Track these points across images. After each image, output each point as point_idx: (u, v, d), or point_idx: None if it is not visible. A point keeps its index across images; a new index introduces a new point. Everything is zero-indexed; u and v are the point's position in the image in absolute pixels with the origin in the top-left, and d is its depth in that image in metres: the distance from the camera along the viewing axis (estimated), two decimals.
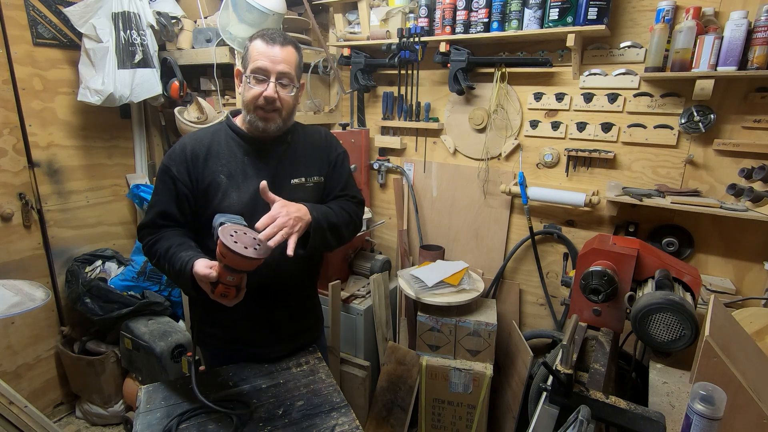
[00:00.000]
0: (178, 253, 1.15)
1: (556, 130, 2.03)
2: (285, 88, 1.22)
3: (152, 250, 1.22)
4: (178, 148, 1.25)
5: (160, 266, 1.21)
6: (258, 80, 1.19)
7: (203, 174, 1.23)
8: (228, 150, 1.27)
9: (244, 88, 1.24)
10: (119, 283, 2.33)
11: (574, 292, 1.44)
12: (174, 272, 1.14)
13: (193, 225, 1.27)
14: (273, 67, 1.18)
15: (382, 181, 2.61)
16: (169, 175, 1.22)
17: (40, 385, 2.35)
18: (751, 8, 1.56)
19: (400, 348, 2.17)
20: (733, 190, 1.59)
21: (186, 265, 1.09)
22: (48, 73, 2.21)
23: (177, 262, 1.12)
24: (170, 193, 1.23)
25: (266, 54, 1.18)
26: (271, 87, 1.19)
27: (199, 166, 1.23)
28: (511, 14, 1.90)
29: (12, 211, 2.16)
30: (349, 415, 1.13)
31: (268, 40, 1.19)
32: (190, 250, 1.15)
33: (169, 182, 1.23)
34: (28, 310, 1.50)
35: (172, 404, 1.13)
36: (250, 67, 1.20)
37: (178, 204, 1.24)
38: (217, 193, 1.23)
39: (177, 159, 1.23)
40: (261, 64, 1.18)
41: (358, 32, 2.38)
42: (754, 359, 1.10)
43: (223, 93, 2.34)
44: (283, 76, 1.20)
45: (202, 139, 1.27)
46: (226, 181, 1.24)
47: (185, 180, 1.22)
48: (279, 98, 1.21)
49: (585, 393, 1.05)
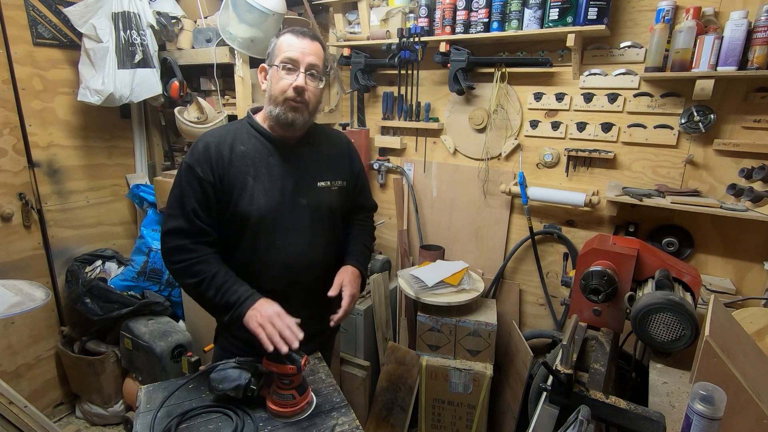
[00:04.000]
0: (231, 285, 1.19)
1: (556, 130, 2.03)
2: (314, 80, 1.24)
3: (193, 269, 1.19)
4: (201, 147, 1.22)
5: (200, 289, 1.19)
6: (288, 71, 1.21)
7: (229, 174, 1.21)
8: (253, 150, 1.26)
9: (271, 81, 1.24)
10: (119, 283, 2.33)
11: (574, 292, 1.44)
12: (221, 303, 1.18)
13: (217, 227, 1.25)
14: (303, 58, 1.20)
15: (382, 181, 2.61)
16: (195, 175, 1.19)
17: (40, 385, 2.35)
18: (751, 8, 1.56)
19: (400, 348, 2.17)
20: (733, 190, 1.59)
21: (245, 302, 1.16)
22: (48, 73, 2.21)
23: (232, 294, 1.17)
24: (197, 194, 1.20)
25: (297, 46, 1.21)
26: (301, 77, 1.21)
27: (224, 166, 1.21)
28: (511, 14, 1.90)
29: (12, 211, 2.16)
30: (349, 415, 1.13)
31: (298, 34, 1.22)
32: (245, 285, 1.20)
33: (195, 183, 1.20)
34: (28, 310, 1.50)
35: (172, 404, 1.13)
36: (279, 57, 1.21)
37: (207, 205, 1.21)
38: (244, 195, 1.22)
39: (201, 158, 1.20)
40: (292, 54, 1.20)
41: (358, 32, 2.38)
42: (754, 359, 1.10)
43: (223, 93, 2.34)
44: (312, 67, 1.22)
45: (225, 138, 1.25)
46: (252, 183, 1.23)
47: (210, 180, 1.20)
48: (307, 89, 1.22)
49: (585, 393, 1.05)
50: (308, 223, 1.31)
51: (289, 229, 1.28)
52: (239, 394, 1.09)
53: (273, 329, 1.09)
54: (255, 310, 1.15)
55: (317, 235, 1.34)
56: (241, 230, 1.25)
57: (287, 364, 1.07)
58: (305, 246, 1.31)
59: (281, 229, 1.27)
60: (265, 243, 1.26)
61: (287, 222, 1.27)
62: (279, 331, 1.09)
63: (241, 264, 1.27)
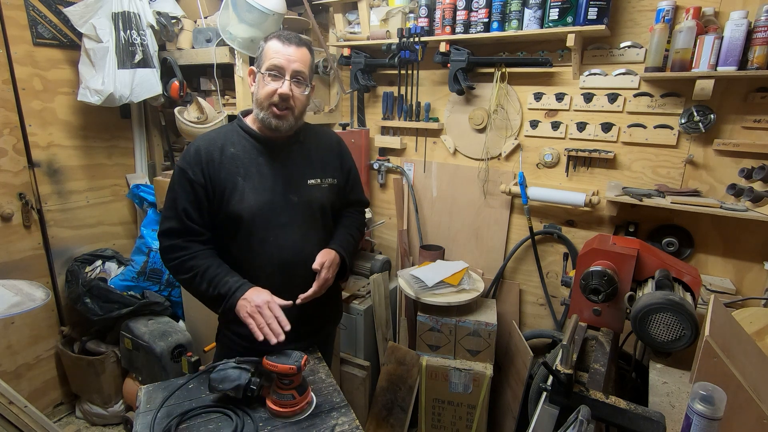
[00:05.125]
0: (222, 276, 1.21)
1: (556, 130, 2.03)
2: (299, 87, 1.26)
3: (186, 265, 1.23)
4: (193, 151, 1.26)
5: (195, 284, 1.23)
6: (273, 77, 1.22)
7: (219, 176, 1.25)
8: (243, 151, 1.29)
9: (258, 86, 1.26)
10: (119, 283, 2.33)
11: (574, 292, 1.44)
12: (213, 295, 1.20)
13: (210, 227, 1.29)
14: (288, 65, 1.22)
15: (382, 181, 2.61)
16: (187, 178, 1.23)
17: (40, 385, 2.35)
18: (751, 8, 1.56)
19: (400, 348, 2.17)
20: (733, 190, 1.59)
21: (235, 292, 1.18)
22: (48, 73, 2.21)
23: (222, 286, 1.20)
24: (189, 196, 1.24)
25: (282, 53, 1.22)
26: (286, 84, 1.22)
27: (214, 168, 1.24)
28: (511, 14, 1.90)
29: (12, 211, 2.16)
30: (349, 415, 1.13)
31: (284, 40, 1.23)
32: (235, 275, 1.23)
33: (187, 185, 1.24)
34: (28, 310, 1.50)
35: (172, 404, 1.13)
36: (265, 64, 1.23)
37: (198, 206, 1.25)
38: (234, 194, 1.25)
39: (192, 161, 1.24)
40: (277, 61, 1.21)
41: (358, 32, 2.38)
42: (754, 359, 1.10)
43: (223, 93, 2.34)
44: (298, 74, 1.24)
45: (215, 141, 1.28)
46: (242, 183, 1.26)
47: (202, 182, 1.23)
48: (293, 96, 1.24)
49: (585, 393, 1.05)
50: (300, 220, 1.33)
51: (282, 226, 1.30)
52: (239, 394, 1.10)
53: (262, 319, 1.13)
54: (245, 299, 1.18)
55: (310, 231, 1.36)
56: (235, 229, 1.28)
57: (287, 364, 1.07)
58: (298, 242, 1.33)
59: (274, 226, 1.29)
60: (258, 240, 1.29)
61: (279, 219, 1.30)
62: (267, 323, 1.13)
63: (237, 262, 1.30)
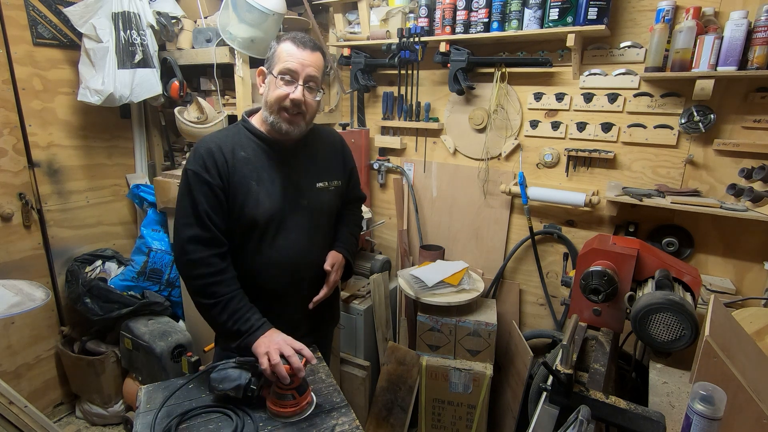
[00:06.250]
0: (244, 312, 1.19)
1: (556, 130, 2.03)
2: (311, 92, 1.23)
3: (209, 290, 1.18)
4: (204, 153, 1.20)
5: (213, 312, 1.19)
6: (286, 82, 1.19)
7: (233, 179, 1.21)
8: (253, 154, 1.25)
9: (269, 88, 1.23)
10: (119, 283, 2.33)
11: (574, 292, 1.44)
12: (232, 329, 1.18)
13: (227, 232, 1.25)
14: (302, 69, 1.19)
15: (382, 181, 2.61)
16: (203, 180, 1.18)
17: (40, 385, 2.35)
18: (751, 8, 1.56)
19: (400, 348, 2.17)
20: (733, 190, 1.59)
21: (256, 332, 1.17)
22: (48, 73, 2.21)
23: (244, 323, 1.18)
24: (210, 199, 1.19)
25: (297, 56, 1.18)
26: (299, 90, 1.19)
27: (227, 171, 1.21)
28: (511, 14, 1.90)
29: (12, 211, 2.16)
30: (349, 415, 1.13)
31: (299, 44, 1.20)
32: (256, 312, 1.21)
33: (205, 188, 1.18)
34: (28, 310, 1.50)
35: (172, 404, 1.13)
36: (278, 67, 1.19)
37: (220, 210, 1.21)
38: (248, 199, 1.22)
39: (207, 164, 1.19)
40: (291, 65, 1.18)
41: (358, 32, 2.38)
42: (754, 359, 1.10)
43: (223, 93, 2.34)
44: (311, 79, 1.21)
45: (225, 143, 1.23)
46: (256, 188, 1.23)
47: (219, 184, 1.19)
48: (305, 102, 1.21)
49: (585, 393, 1.05)
50: (309, 223, 1.33)
51: (291, 230, 1.30)
52: (239, 394, 1.10)
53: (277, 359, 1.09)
54: (265, 338, 1.16)
55: (317, 234, 1.36)
56: (248, 233, 1.26)
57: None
58: (306, 245, 1.33)
59: (284, 229, 1.29)
60: (268, 244, 1.28)
61: (290, 223, 1.29)
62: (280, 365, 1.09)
63: (245, 264, 1.28)
